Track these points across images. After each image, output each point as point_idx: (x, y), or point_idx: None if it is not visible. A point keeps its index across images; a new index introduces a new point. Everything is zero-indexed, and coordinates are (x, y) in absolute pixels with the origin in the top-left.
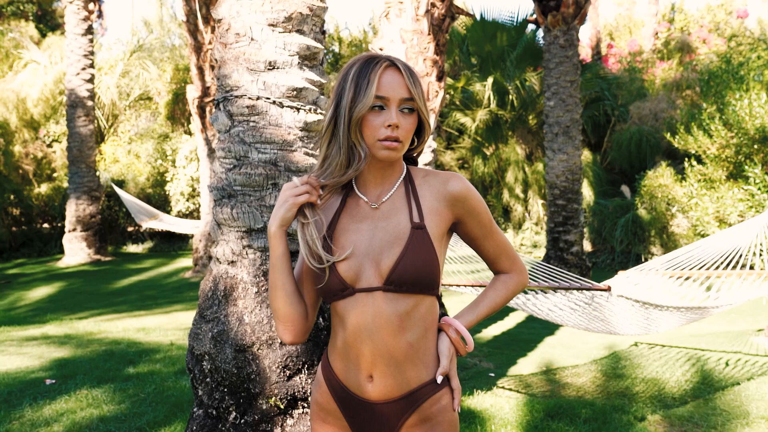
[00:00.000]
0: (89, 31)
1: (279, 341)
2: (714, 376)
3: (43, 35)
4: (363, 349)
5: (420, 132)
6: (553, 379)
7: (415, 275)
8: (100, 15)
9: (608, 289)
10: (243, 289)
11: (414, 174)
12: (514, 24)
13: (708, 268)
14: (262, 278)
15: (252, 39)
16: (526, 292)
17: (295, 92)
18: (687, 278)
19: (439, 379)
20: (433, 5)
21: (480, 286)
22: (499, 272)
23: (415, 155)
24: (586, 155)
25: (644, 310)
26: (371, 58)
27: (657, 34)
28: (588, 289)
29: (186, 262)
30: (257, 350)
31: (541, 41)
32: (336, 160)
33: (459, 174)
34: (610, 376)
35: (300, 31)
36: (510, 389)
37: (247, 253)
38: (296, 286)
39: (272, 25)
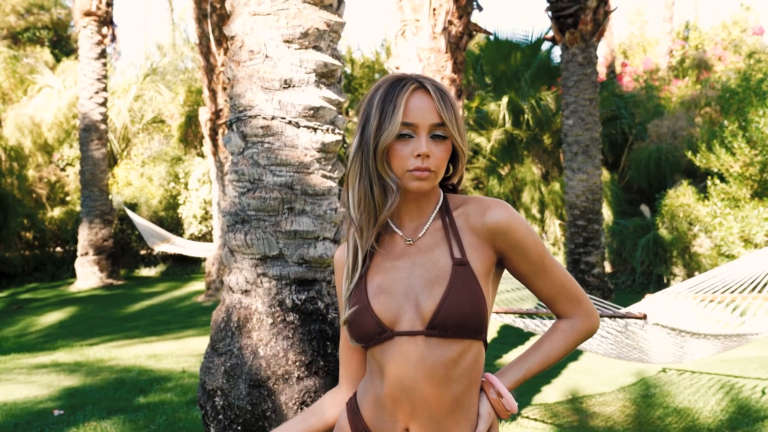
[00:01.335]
0: (102, 55)
1: (296, 375)
2: (751, 405)
3: (58, 60)
4: (402, 398)
5: (456, 158)
6: (580, 408)
7: (461, 317)
8: (113, 39)
9: (644, 317)
10: (257, 320)
11: (451, 202)
12: (529, 43)
13: (741, 292)
14: (278, 308)
15: (266, 56)
16: (551, 317)
17: (312, 111)
18: (720, 302)
19: None
20: (450, 23)
21: (504, 312)
22: (560, 316)
23: (455, 183)
24: (604, 174)
25: (680, 338)
26: (398, 79)
27: (672, 51)
28: (622, 317)
29: (199, 285)
30: (273, 386)
31: (556, 60)
32: (370, 198)
33: (501, 201)
34: (640, 405)
35: (317, 48)
36: (535, 419)
37: (261, 282)
38: (319, 424)
39: (288, 41)
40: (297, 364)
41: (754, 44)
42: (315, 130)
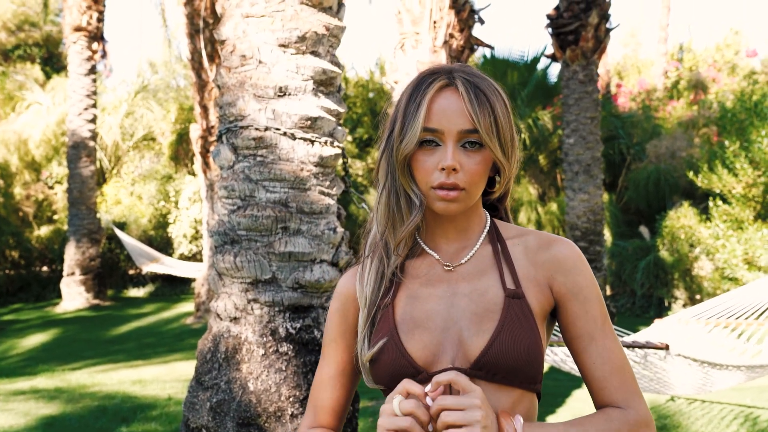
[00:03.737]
0: (92, 71)
1: (289, 413)
2: None
3: (49, 77)
4: None
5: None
6: None
7: (516, 359)
8: (104, 55)
9: (666, 348)
10: (247, 350)
11: (503, 230)
12: (525, 62)
13: (757, 318)
14: (270, 338)
15: (260, 62)
16: (561, 345)
17: (309, 122)
18: (733, 330)
19: None
20: (451, 36)
21: None
22: (607, 405)
23: (499, 204)
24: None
25: (702, 369)
26: (431, 73)
27: (666, 73)
28: (642, 347)
29: (188, 306)
30: (264, 424)
31: (553, 79)
32: (395, 212)
33: (569, 240)
34: None
35: (315, 53)
36: None
37: (252, 309)
38: None
39: (283, 45)
40: (291, 399)
41: (746, 66)
42: (312, 142)
